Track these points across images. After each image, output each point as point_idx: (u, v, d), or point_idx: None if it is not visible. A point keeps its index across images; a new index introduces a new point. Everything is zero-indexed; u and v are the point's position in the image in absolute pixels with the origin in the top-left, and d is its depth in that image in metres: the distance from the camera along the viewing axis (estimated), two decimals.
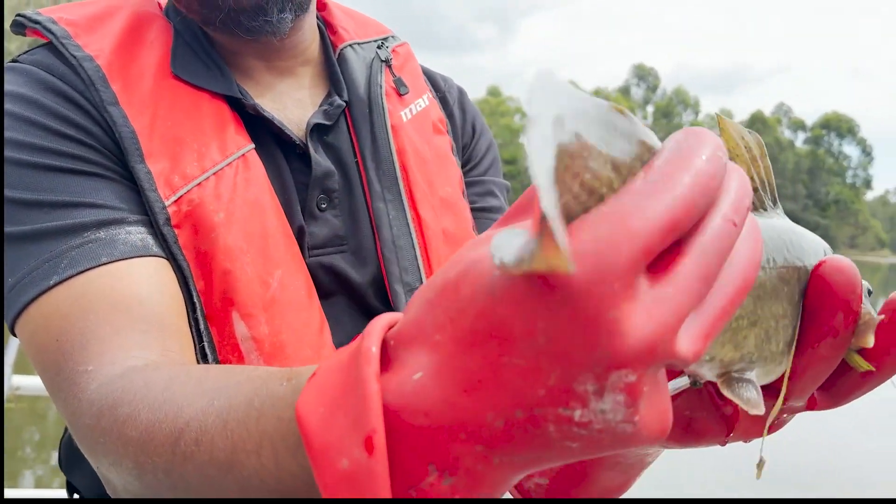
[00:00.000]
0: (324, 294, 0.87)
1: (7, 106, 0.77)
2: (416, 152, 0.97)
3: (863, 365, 0.49)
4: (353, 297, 0.91)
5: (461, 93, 1.14)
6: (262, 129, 0.88)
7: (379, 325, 0.37)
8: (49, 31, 0.82)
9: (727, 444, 0.53)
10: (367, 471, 0.33)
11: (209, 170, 0.80)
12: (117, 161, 0.79)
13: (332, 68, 0.98)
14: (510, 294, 0.31)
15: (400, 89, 1.01)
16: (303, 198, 0.88)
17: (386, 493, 0.33)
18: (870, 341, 0.48)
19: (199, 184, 0.79)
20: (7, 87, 0.79)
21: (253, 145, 0.85)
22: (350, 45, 1.00)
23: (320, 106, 0.94)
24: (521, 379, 0.31)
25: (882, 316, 0.48)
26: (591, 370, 0.30)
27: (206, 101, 0.84)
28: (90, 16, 0.86)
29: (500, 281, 0.31)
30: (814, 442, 5.72)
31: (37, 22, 0.84)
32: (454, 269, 0.34)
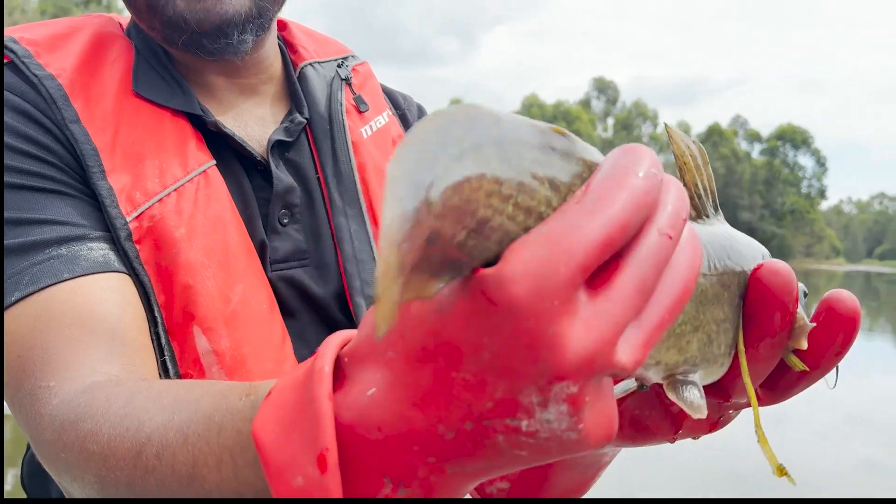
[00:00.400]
0: (287, 308, 0.88)
1: None
2: (376, 168, 0.99)
3: (798, 365, 0.52)
4: (316, 311, 0.92)
5: (420, 110, 1.16)
6: (223, 147, 0.89)
7: (333, 343, 0.39)
8: (10, 50, 0.83)
9: (676, 441, 0.56)
10: (319, 488, 0.35)
11: (170, 186, 0.81)
12: (79, 178, 0.79)
13: (293, 86, 0.99)
14: (457, 312, 0.32)
15: (360, 106, 1.03)
16: (264, 213, 0.89)
17: None
18: (804, 344, 0.50)
19: (160, 200, 0.80)
20: None
21: (214, 161, 0.86)
22: (310, 64, 1.02)
23: (281, 123, 0.96)
24: (470, 392, 0.32)
25: (814, 324, 0.51)
26: (534, 383, 0.32)
27: (168, 118, 0.85)
28: (51, 35, 0.86)
29: (447, 300, 0.32)
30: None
31: None
32: None
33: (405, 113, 1.13)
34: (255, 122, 0.95)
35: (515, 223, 0.32)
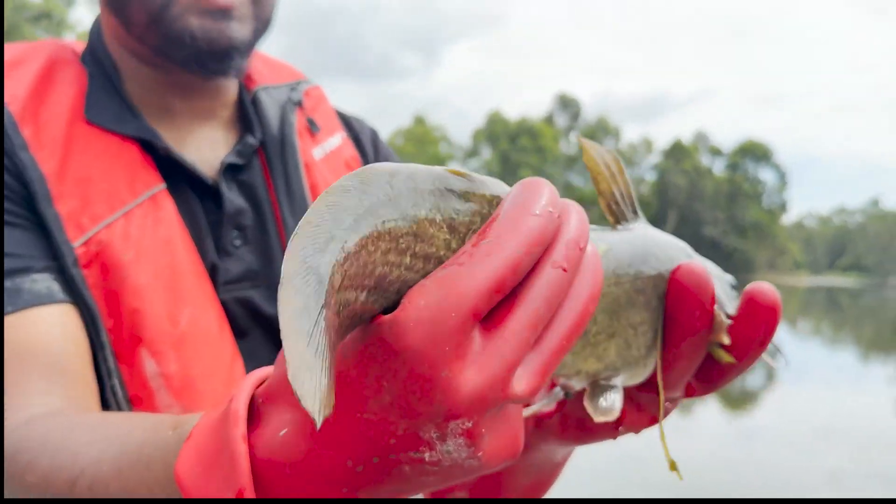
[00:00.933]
0: (239, 328, 0.89)
1: None
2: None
3: (725, 358, 0.55)
4: (267, 330, 0.92)
5: (374, 133, 1.17)
6: (175, 170, 0.89)
7: (248, 383, 0.41)
8: None
9: (618, 438, 0.58)
10: None
11: (118, 210, 0.81)
12: (27, 206, 0.79)
13: (246, 110, 1.00)
14: (359, 358, 0.34)
15: (312, 129, 1.04)
16: (217, 235, 0.90)
17: None
18: (725, 340, 0.53)
19: (108, 224, 0.80)
20: None
21: (164, 185, 0.86)
22: (263, 88, 1.03)
23: (234, 146, 0.96)
24: (374, 430, 0.35)
25: (731, 321, 0.54)
26: (431, 421, 0.34)
27: (118, 143, 0.85)
28: (4, 62, 0.86)
29: (351, 345, 0.35)
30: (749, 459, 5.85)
31: None
32: None
33: (358, 135, 1.14)
34: (208, 145, 0.95)
35: (413, 272, 0.34)
